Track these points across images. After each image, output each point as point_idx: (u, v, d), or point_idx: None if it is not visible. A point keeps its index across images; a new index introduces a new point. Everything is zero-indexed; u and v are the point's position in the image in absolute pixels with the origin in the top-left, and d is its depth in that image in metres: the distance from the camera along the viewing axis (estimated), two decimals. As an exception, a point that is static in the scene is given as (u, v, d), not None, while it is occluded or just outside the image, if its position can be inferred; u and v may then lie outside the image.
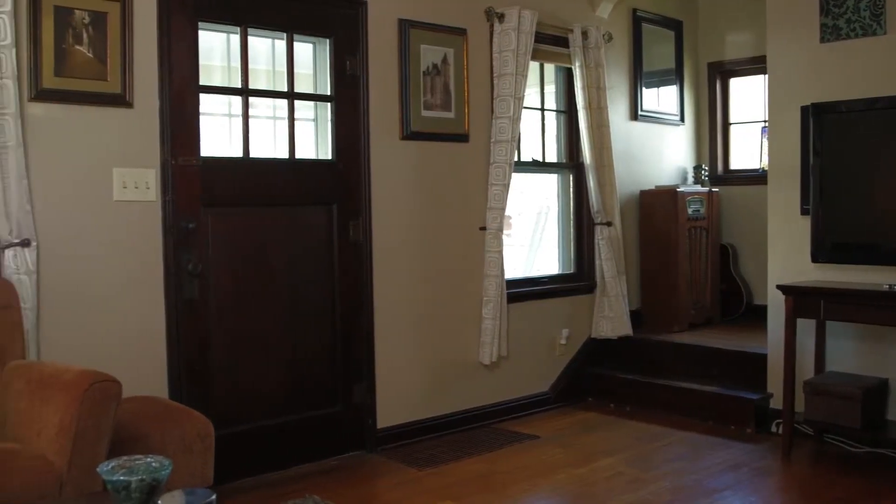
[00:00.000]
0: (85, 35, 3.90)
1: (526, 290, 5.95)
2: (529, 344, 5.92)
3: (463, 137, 5.45)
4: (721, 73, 7.34)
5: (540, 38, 5.72)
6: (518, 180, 5.84)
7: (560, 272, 6.36)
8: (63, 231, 3.89)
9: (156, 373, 4.18)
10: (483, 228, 5.53)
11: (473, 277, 5.52)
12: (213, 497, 2.17)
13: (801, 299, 4.82)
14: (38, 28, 3.76)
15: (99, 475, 2.50)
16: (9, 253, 3.66)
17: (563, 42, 5.99)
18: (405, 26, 5.10)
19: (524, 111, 5.64)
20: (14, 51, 3.62)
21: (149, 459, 2.52)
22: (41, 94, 3.80)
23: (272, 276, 4.63)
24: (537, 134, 6.20)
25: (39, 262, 3.76)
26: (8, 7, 3.58)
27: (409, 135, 5.15)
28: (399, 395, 5.15)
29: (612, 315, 6.20)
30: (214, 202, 4.39)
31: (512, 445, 5.16)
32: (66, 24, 3.84)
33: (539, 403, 5.97)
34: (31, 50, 3.75)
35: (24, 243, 3.69)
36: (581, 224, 6.36)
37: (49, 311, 3.82)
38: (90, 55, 3.93)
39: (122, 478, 2.41)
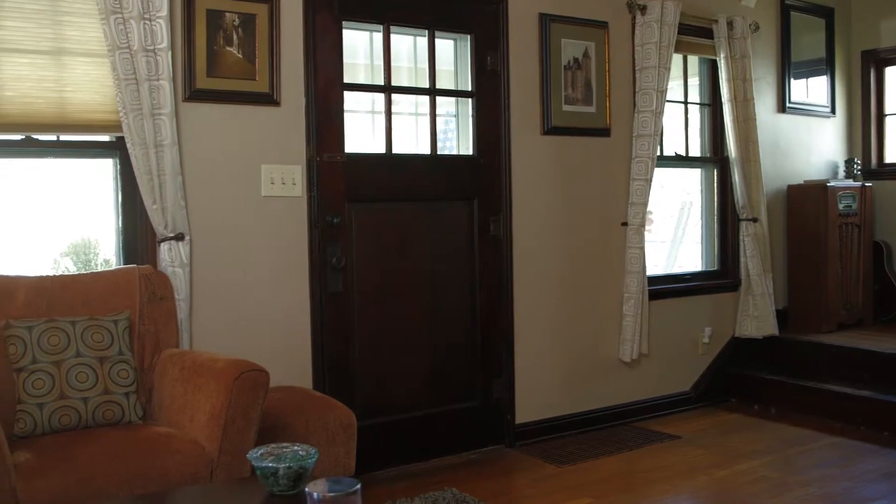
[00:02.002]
0: (235, 37, 4.04)
1: (668, 287, 5.84)
2: (671, 342, 5.81)
3: (604, 132, 5.38)
4: (876, 61, 7.01)
5: (683, 29, 5.60)
6: (659, 175, 5.73)
7: (703, 269, 6.22)
8: (214, 225, 4.04)
9: (301, 363, 4.29)
10: (624, 224, 5.45)
11: (614, 273, 5.46)
12: (359, 486, 2.20)
13: (963, 300, 4.57)
14: (192, 31, 3.93)
15: (248, 461, 2.60)
16: (164, 246, 3.82)
17: (707, 33, 5.84)
18: (546, 21, 5.08)
19: (667, 104, 5.53)
20: (170, 53, 3.77)
21: (296, 448, 2.60)
22: (194, 95, 3.96)
23: (414, 271, 4.69)
24: (680, 127, 6.07)
25: (192, 255, 3.92)
26: (164, 12, 3.73)
27: (550, 129, 5.13)
28: (538, 391, 5.14)
29: (757, 314, 6.02)
30: (358, 197, 4.47)
31: (652, 445, 5.08)
32: (218, 27, 3.99)
33: (680, 403, 5.85)
34: (185, 52, 3.92)
35: (179, 237, 3.85)
36: (725, 220, 6.20)
37: (201, 302, 3.98)
38: (240, 56, 4.06)
39: (270, 464, 2.49)
